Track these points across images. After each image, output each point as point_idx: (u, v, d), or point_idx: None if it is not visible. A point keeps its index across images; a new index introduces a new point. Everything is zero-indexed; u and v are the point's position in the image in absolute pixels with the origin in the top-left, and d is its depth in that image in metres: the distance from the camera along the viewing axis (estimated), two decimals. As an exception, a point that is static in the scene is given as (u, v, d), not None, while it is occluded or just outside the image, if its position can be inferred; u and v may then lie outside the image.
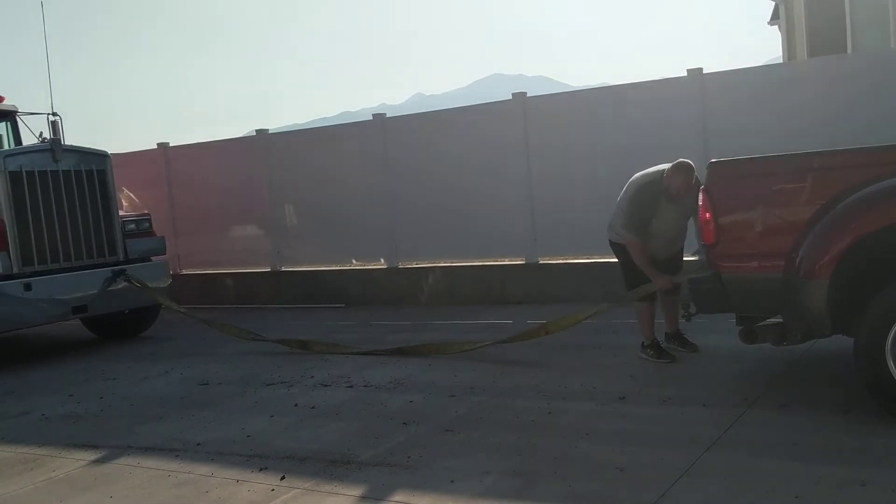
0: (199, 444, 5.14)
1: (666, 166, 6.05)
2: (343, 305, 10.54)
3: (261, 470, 4.57)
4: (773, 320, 5.01)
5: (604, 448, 4.46)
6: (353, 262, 10.88)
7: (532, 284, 9.40)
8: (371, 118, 10.66)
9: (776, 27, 14.33)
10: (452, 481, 4.17)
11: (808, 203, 4.59)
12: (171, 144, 12.34)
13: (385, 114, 10.64)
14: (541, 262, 9.46)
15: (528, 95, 9.51)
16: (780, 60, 12.62)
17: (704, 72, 8.41)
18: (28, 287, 8.05)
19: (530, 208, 9.38)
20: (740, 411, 4.82)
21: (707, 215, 4.91)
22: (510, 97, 9.63)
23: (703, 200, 4.96)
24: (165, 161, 12.08)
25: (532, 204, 9.37)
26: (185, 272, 11.85)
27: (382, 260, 10.50)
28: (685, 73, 8.51)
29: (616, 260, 6.48)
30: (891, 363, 4.30)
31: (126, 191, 11.43)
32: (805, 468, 3.93)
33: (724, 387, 5.36)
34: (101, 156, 9.00)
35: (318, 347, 7.65)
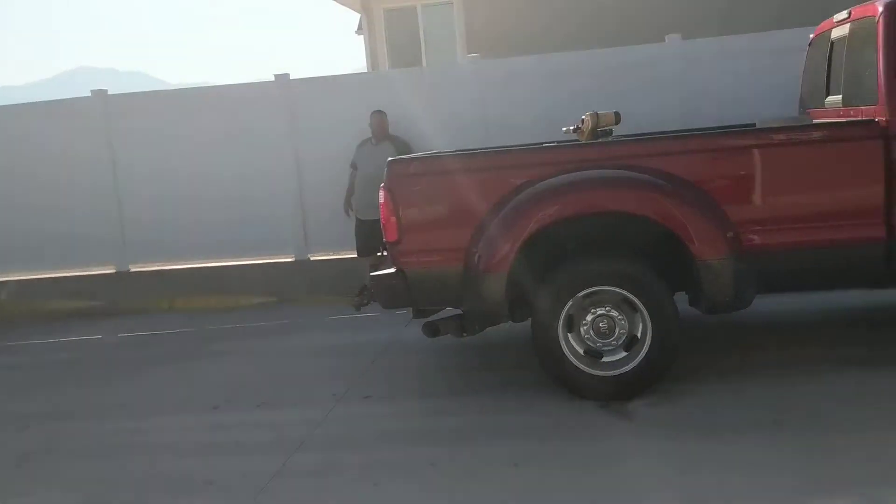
0: None
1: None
2: None
3: None
4: (452, 312, 5.15)
5: (194, 462, 4.34)
6: None
7: (121, 294, 8.87)
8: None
9: (363, 38, 15.17)
10: (20, 524, 3.74)
11: (484, 199, 4.77)
12: None
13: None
14: (132, 270, 8.96)
15: (111, 93, 8.93)
16: (366, 70, 13.39)
17: (291, 77, 8.62)
18: None
19: (118, 213, 8.83)
20: (330, 407, 5.02)
21: (389, 213, 4.90)
22: (90, 94, 8.96)
23: (384, 198, 4.93)
24: None
25: (120, 210, 8.83)
26: None
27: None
28: (273, 78, 8.64)
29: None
30: (564, 345, 4.68)
31: None
32: (384, 454, 4.21)
33: (316, 385, 5.53)
34: None
35: None
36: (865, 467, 3.60)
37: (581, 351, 4.72)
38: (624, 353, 4.69)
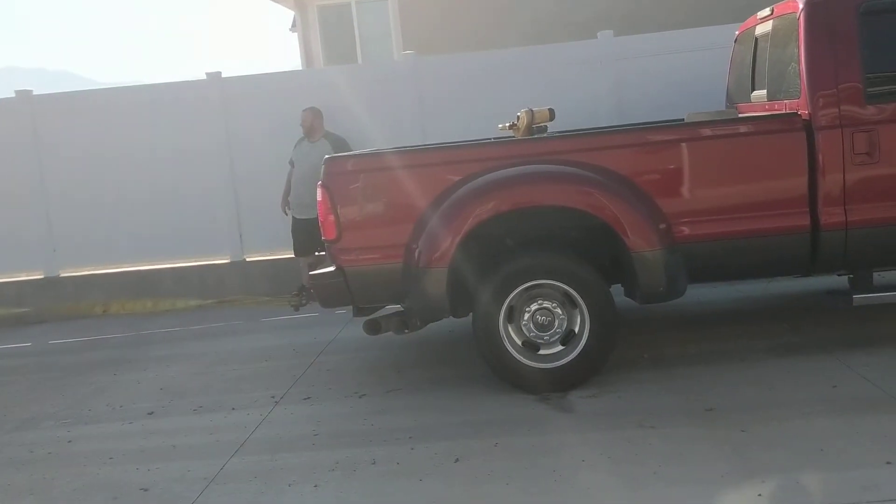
0: None
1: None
2: None
3: None
4: (393, 309, 5.17)
5: (128, 469, 4.24)
6: None
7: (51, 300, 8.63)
8: None
9: (297, 35, 15.01)
10: (-55, 540, 3.61)
11: (422, 195, 4.77)
12: None
13: None
14: (62, 275, 8.72)
15: (37, 93, 8.68)
16: (301, 67, 13.25)
17: (224, 76, 8.50)
18: None
19: (46, 217, 8.59)
20: (268, 410, 4.96)
21: (327, 211, 4.87)
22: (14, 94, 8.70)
23: (322, 196, 4.90)
24: None
25: (48, 213, 8.59)
26: None
27: None
28: (205, 77, 8.50)
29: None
30: (505, 339, 4.70)
31: None
32: (323, 455, 4.18)
33: (254, 387, 5.46)
34: None
35: None
36: (794, 452, 3.70)
37: (519, 342, 4.76)
38: (560, 347, 4.75)
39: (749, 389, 4.51)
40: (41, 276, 8.75)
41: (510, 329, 4.76)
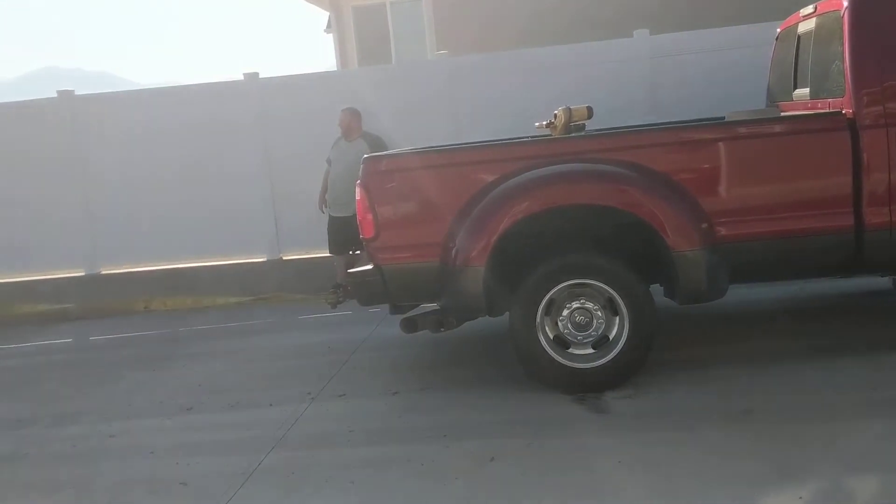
0: None
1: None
2: None
3: None
4: (429, 308, 5.17)
5: (167, 464, 4.30)
6: None
7: (92, 296, 8.77)
8: None
9: (332, 36, 15.11)
10: (-9, 531, 3.68)
11: (459, 194, 4.78)
12: None
13: None
14: (103, 272, 8.86)
15: (78, 94, 8.83)
16: (336, 68, 13.34)
17: (261, 76, 8.57)
18: None
19: (89, 217, 8.72)
20: (303, 407, 4.99)
21: (365, 210, 4.91)
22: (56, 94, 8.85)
23: (360, 196, 4.93)
24: None
25: (89, 211, 8.72)
26: None
27: None
28: (242, 77, 8.58)
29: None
30: (542, 338, 4.69)
31: None
32: (359, 452, 4.20)
33: (290, 384, 5.49)
34: None
35: None
36: (833, 454, 3.65)
37: (551, 336, 4.73)
38: (591, 351, 4.72)
39: (786, 391, 4.45)
40: (82, 273, 8.89)
41: (546, 322, 4.73)
